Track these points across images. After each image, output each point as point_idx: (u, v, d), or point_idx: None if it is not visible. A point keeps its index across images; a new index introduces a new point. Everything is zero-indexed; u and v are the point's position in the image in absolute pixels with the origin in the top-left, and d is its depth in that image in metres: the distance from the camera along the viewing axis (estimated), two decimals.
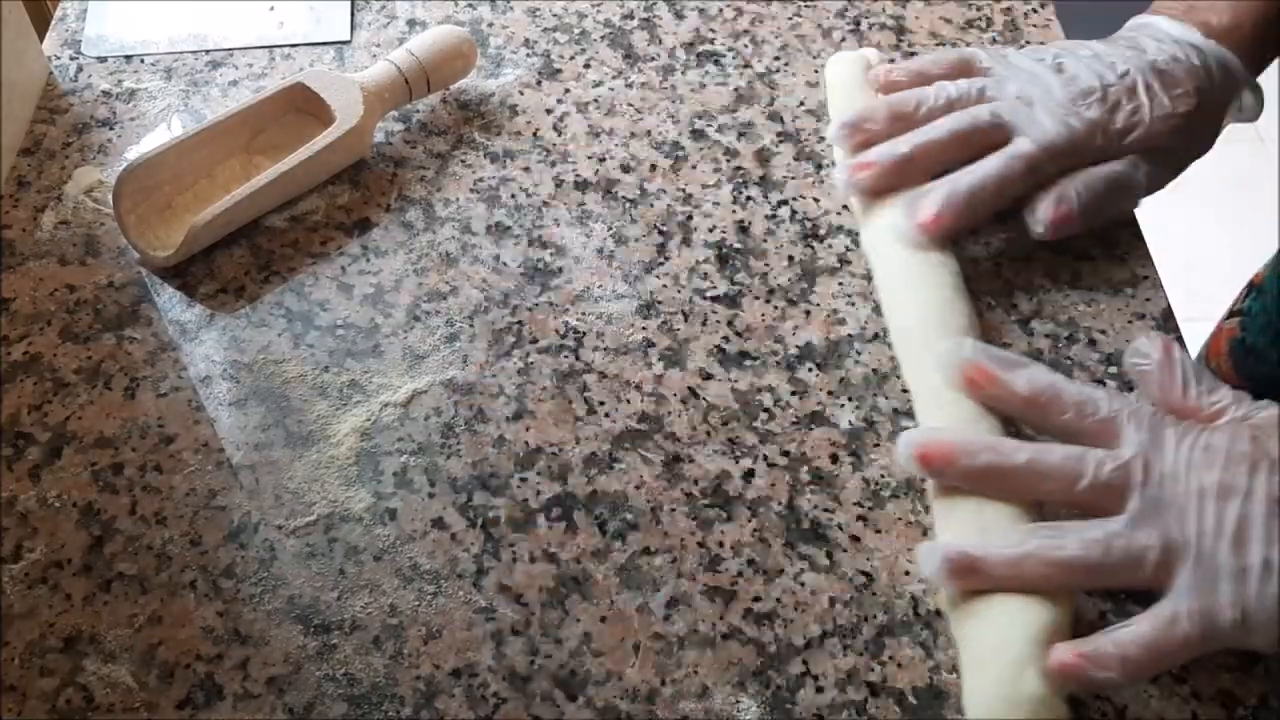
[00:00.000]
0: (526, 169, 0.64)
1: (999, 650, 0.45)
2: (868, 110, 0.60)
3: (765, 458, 0.53)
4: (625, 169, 0.63)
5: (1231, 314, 0.77)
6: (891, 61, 0.64)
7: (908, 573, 0.49)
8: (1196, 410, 0.48)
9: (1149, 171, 0.58)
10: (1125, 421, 0.47)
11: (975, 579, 0.46)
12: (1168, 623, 0.44)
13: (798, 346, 0.56)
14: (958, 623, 0.47)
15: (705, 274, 0.59)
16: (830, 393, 0.55)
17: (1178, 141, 0.58)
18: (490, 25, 0.71)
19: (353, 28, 0.71)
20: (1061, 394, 0.49)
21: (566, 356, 0.56)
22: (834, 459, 0.53)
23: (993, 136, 0.58)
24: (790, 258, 0.59)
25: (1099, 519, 0.46)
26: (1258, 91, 0.60)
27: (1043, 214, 0.57)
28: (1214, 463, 0.45)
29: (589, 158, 0.64)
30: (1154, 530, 0.45)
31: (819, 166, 0.63)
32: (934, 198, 0.57)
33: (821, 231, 0.60)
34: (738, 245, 0.60)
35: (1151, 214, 0.61)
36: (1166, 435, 0.47)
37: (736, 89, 0.67)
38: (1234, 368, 0.74)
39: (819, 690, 0.46)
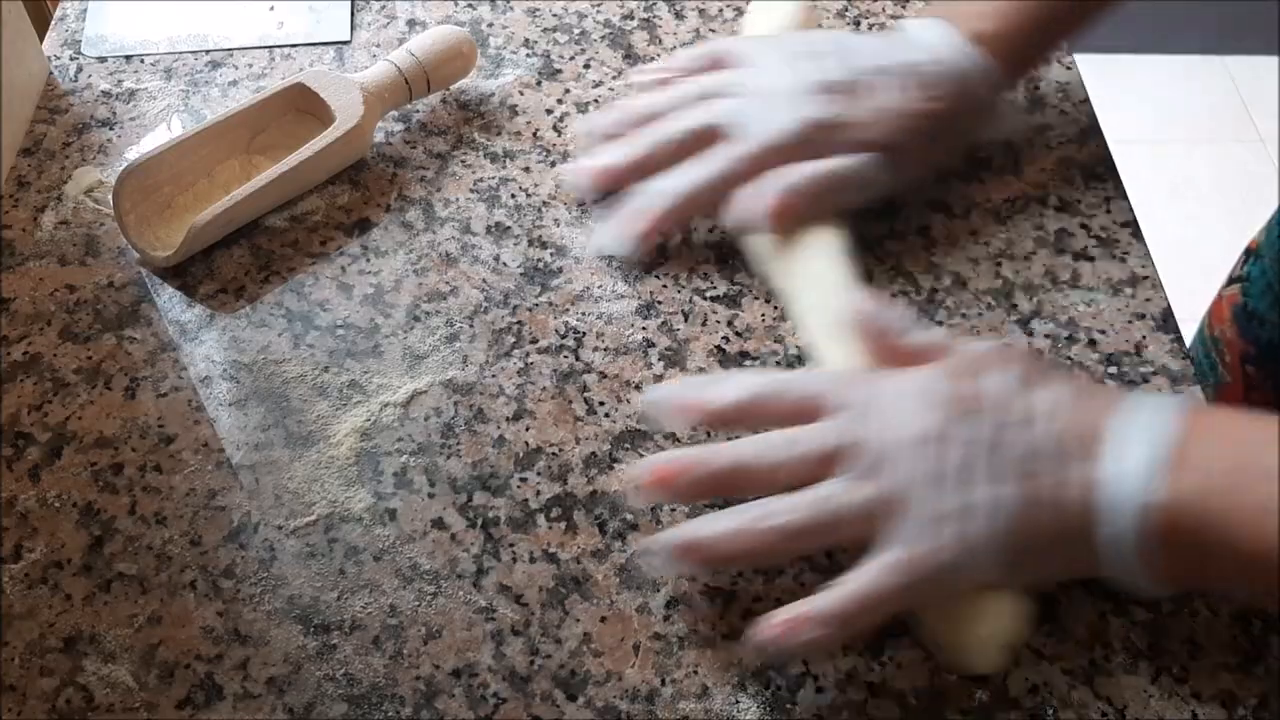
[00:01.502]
0: (526, 169, 0.64)
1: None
2: (616, 114, 0.62)
3: None
4: None
5: (1231, 280, 0.78)
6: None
7: None
8: (915, 356, 0.49)
9: (880, 170, 0.57)
10: (829, 390, 0.48)
11: (701, 558, 0.47)
12: (887, 569, 0.44)
13: (798, 346, 0.56)
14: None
15: (705, 274, 0.59)
16: None
17: (916, 142, 0.58)
18: (490, 25, 0.71)
19: (353, 28, 0.71)
20: (762, 391, 0.49)
21: (566, 356, 0.56)
22: None
23: (711, 138, 0.58)
24: None
25: (818, 483, 0.47)
26: (1012, 105, 0.60)
27: (750, 206, 0.56)
28: (924, 409, 0.46)
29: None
30: (868, 484, 0.45)
31: None
32: (638, 209, 0.58)
33: None
34: (738, 245, 0.60)
35: (1151, 214, 0.61)
36: (875, 391, 0.47)
37: None
38: (1239, 333, 0.75)
39: (819, 690, 0.46)
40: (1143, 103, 1.95)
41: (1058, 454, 0.44)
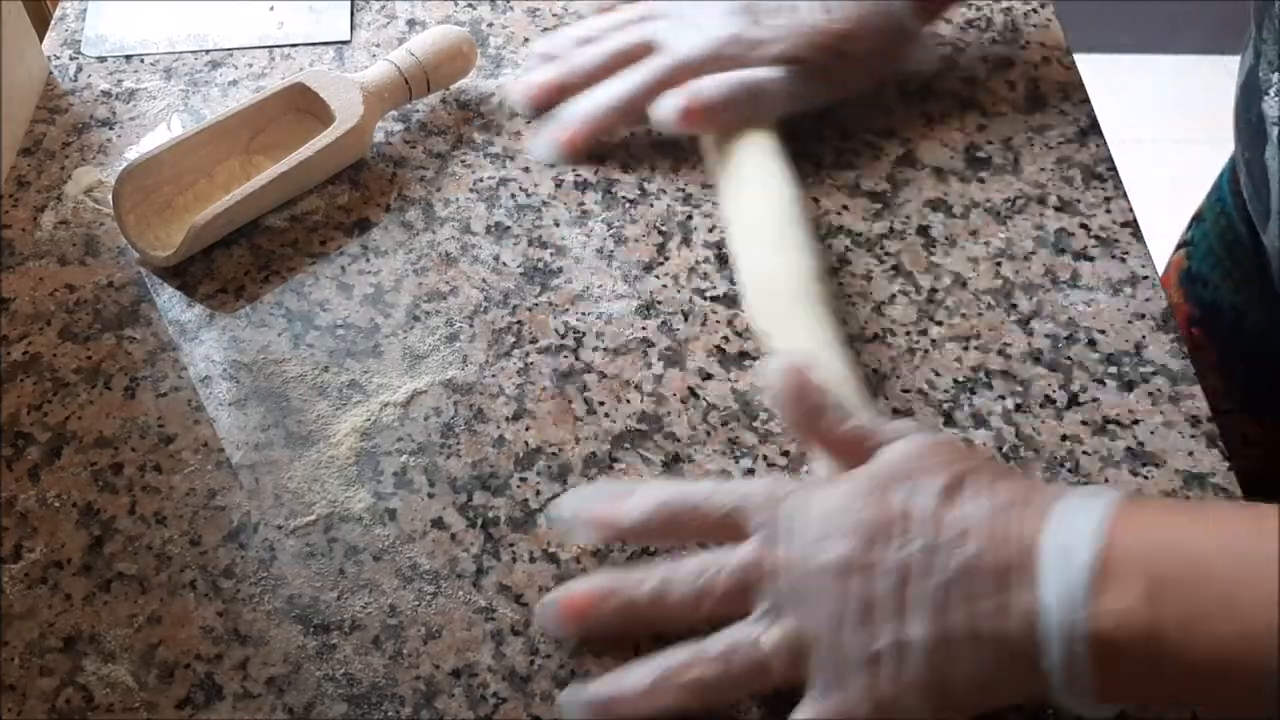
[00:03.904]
0: (526, 169, 0.64)
1: None
2: (560, 40, 0.67)
3: (765, 458, 0.53)
4: (625, 169, 0.63)
5: (1179, 246, 0.80)
6: None
7: None
8: (837, 441, 0.47)
9: (792, 85, 0.61)
10: (748, 506, 0.45)
11: (618, 715, 0.45)
12: None
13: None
14: None
15: (705, 274, 0.59)
16: None
17: (823, 58, 0.61)
18: (490, 25, 0.71)
19: (353, 28, 0.71)
20: (678, 502, 0.47)
21: (566, 356, 0.56)
22: None
23: (639, 53, 0.63)
24: None
25: (731, 626, 0.44)
26: (928, 42, 0.64)
27: (669, 106, 0.60)
28: (840, 534, 0.42)
29: (589, 157, 0.64)
30: (783, 624, 0.43)
31: (819, 166, 0.63)
32: (568, 117, 0.63)
33: (821, 231, 0.60)
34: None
35: (1152, 214, 0.61)
36: (788, 512, 0.44)
37: None
38: (1184, 296, 0.77)
39: None
40: (1143, 103, 1.95)
41: (991, 579, 0.40)
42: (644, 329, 0.57)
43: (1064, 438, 0.53)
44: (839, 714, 0.41)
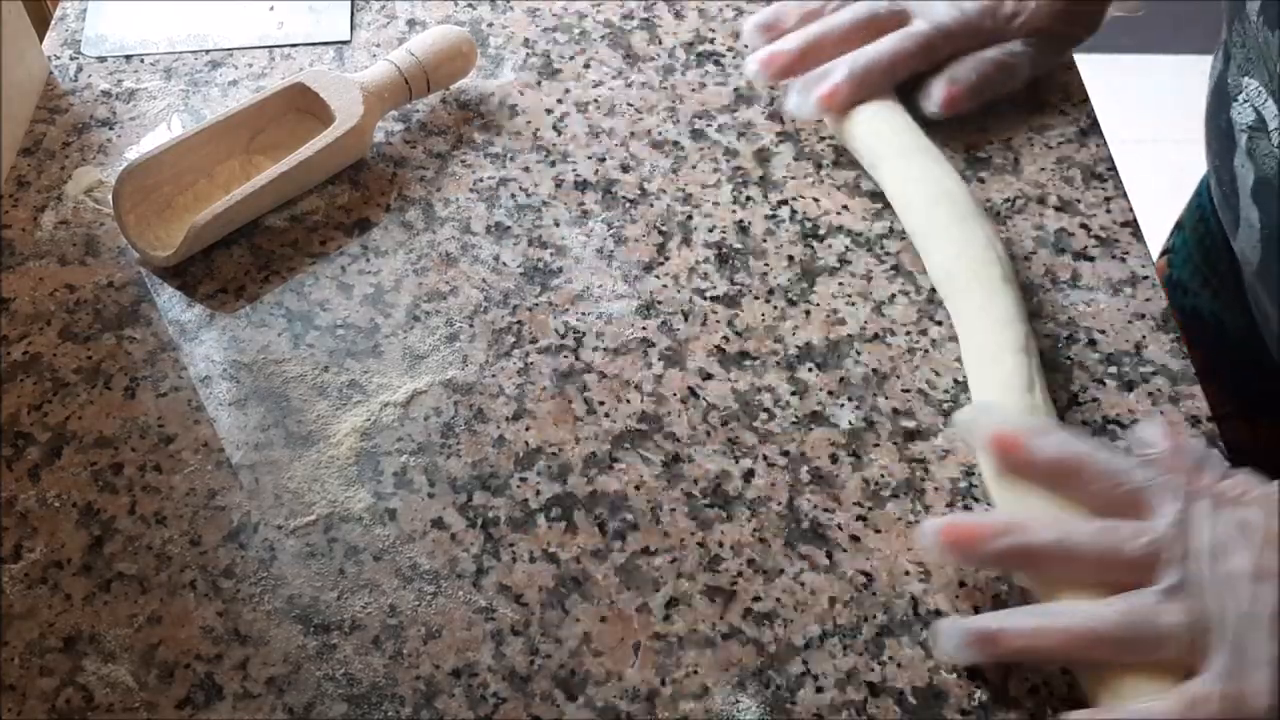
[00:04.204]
0: (526, 169, 0.64)
1: None
2: (780, 9, 0.65)
3: (765, 458, 0.53)
4: (625, 169, 0.63)
5: (1162, 253, 0.80)
6: None
7: (907, 573, 0.49)
8: (1214, 490, 0.47)
9: (1034, 55, 0.63)
10: (1157, 493, 0.46)
11: (996, 651, 0.45)
12: (1197, 703, 0.43)
13: (798, 346, 0.56)
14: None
15: (705, 274, 0.59)
16: (830, 393, 0.55)
17: (1060, 25, 0.63)
18: (490, 25, 0.71)
19: (353, 28, 0.71)
20: (1090, 462, 0.47)
21: (566, 356, 0.56)
22: (834, 459, 0.53)
23: (891, 22, 0.63)
24: (790, 258, 0.59)
25: (1129, 592, 0.45)
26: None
27: (935, 94, 0.62)
28: (1249, 542, 0.44)
29: (589, 158, 0.64)
30: (1184, 606, 0.44)
31: (819, 166, 0.63)
32: (833, 73, 0.62)
33: (821, 231, 0.60)
34: (737, 245, 0.60)
35: (1152, 214, 0.61)
36: (1198, 510, 0.45)
37: (736, 89, 0.67)
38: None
39: (819, 690, 0.46)
40: (1143, 103, 1.95)
41: None
42: (644, 329, 0.57)
43: None
44: (1234, 700, 0.42)
